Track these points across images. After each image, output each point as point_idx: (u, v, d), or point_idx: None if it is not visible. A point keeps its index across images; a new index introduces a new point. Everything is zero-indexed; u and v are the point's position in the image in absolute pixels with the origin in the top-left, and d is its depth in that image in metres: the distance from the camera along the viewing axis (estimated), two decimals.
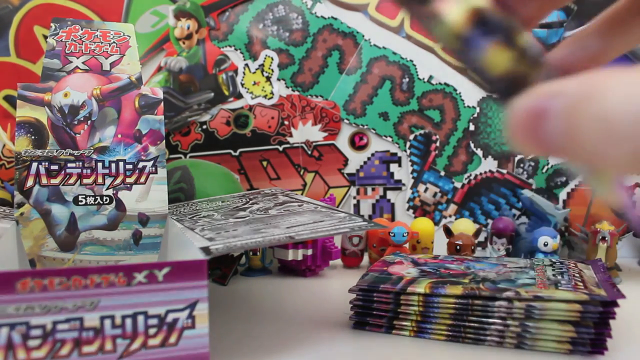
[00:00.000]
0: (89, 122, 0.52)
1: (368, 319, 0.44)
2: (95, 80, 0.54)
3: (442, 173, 0.79)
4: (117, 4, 0.75)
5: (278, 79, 0.78)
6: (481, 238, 0.77)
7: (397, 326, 0.43)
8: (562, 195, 0.78)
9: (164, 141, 0.54)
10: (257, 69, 0.78)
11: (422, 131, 0.79)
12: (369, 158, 0.79)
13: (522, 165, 0.78)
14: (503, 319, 0.40)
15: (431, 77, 0.78)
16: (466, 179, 0.79)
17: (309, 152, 0.79)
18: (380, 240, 0.68)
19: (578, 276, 0.45)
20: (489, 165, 0.78)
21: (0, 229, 0.46)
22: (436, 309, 0.42)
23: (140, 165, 0.53)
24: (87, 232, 0.51)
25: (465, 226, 0.65)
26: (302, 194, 0.78)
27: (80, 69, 0.54)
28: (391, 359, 0.39)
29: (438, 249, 0.67)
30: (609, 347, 0.39)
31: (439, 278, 0.45)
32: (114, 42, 0.55)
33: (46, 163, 0.50)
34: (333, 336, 0.43)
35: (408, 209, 0.79)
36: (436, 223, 0.79)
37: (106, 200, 0.52)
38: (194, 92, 0.77)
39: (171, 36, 0.77)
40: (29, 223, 0.50)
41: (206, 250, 0.37)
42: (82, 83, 0.53)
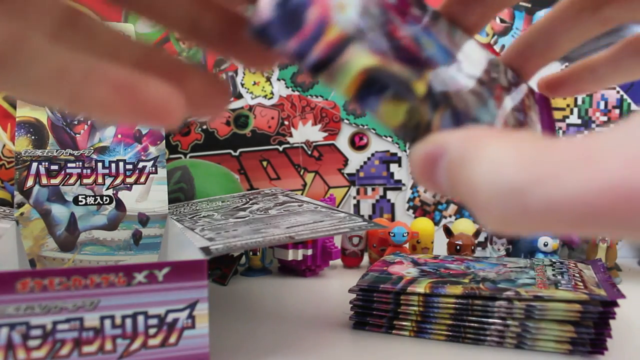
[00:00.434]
0: (89, 122, 0.52)
1: (368, 319, 0.44)
2: None
3: None
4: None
5: (278, 79, 0.78)
6: (481, 238, 0.77)
7: (397, 326, 0.43)
8: None
9: (164, 141, 0.54)
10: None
11: None
12: (369, 158, 0.79)
13: None
14: (503, 319, 0.40)
15: None
16: None
17: (309, 152, 0.79)
18: (380, 240, 0.68)
19: (578, 276, 0.45)
20: None
21: (0, 229, 0.46)
22: (436, 309, 0.42)
23: (140, 165, 0.53)
24: (87, 232, 0.51)
25: (465, 226, 0.65)
26: (302, 194, 0.78)
27: None
28: (391, 359, 0.39)
29: (438, 249, 0.67)
30: (609, 347, 0.39)
31: (439, 278, 0.45)
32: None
33: (46, 163, 0.50)
34: (333, 336, 0.43)
35: (408, 209, 0.79)
36: (436, 223, 0.79)
37: (106, 200, 0.52)
38: None
39: (171, 36, 0.77)
40: (29, 223, 0.50)
41: (206, 250, 0.37)
42: None
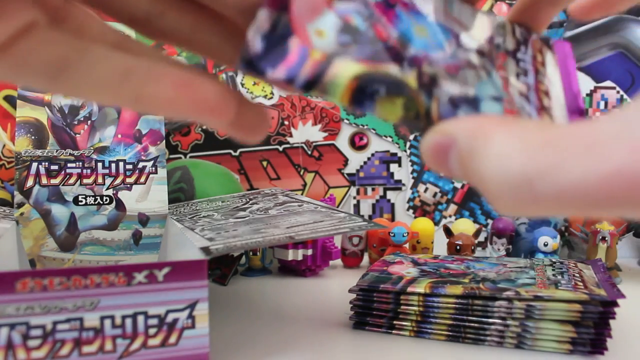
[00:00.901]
0: (89, 122, 0.52)
1: (368, 319, 0.44)
2: None
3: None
4: None
5: None
6: (481, 238, 0.77)
7: (397, 326, 0.43)
8: None
9: (164, 141, 0.54)
10: None
11: None
12: (369, 158, 0.79)
13: None
14: (503, 319, 0.40)
15: None
16: None
17: (309, 152, 0.79)
18: (380, 240, 0.68)
19: (578, 276, 0.45)
20: None
21: (0, 229, 0.46)
22: (436, 309, 0.42)
23: (140, 165, 0.53)
24: (87, 232, 0.51)
25: (465, 226, 0.65)
26: (302, 194, 0.78)
27: None
28: (391, 359, 0.39)
29: (438, 249, 0.67)
30: (609, 347, 0.39)
31: (439, 278, 0.45)
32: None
33: (46, 163, 0.50)
34: (333, 336, 0.43)
35: (408, 209, 0.79)
36: (436, 223, 0.79)
37: (106, 200, 0.52)
38: None
39: None
40: (29, 223, 0.50)
41: (206, 250, 0.37)
42: None
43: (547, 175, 0.13)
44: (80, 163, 0.51)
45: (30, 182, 0.50)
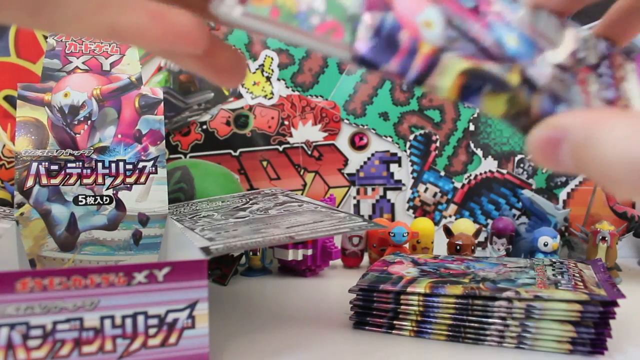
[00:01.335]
0: (89, 122, 0.52)
1: (368, 319, 0.44)
2: (95, 80, 0.54)
3: (442, 173, 0.79)
4: None
5: (278, 79, 0.78)
6: (481, 238, 0.77)
7: (397, 326, 0.43)
8: (562, 195, 0.78)
9: (164, 141, 0.54)
10: (257, 69, 0.78)
11: (422, 131, 0.79)
12: (369, 158, 0.79)
13: (522, 165, 0.78)
14: (503, 319, 0.40)
15: None
16: (466, 179, 0.79)
17: (309, 152, 0.79)
18: (380, 240, 0.68)
19: (578, 276, 0.45)
20: (489, 165, 0.78)
21: (0, 229, 0.46)
22: (436, 309, 0.42)
23: (140, 165, 0.53)
24: (87, 232, 0.51)
25: (465, 226, 0.65)
26: (302, 194, 0.78)
27: (80, 69, 0.54)
28: (391, 359, 0.39)
29: (438, 249, 0.67)
30: (609, 347, 0.39)
31: (439, 278, 0.45)
32: (114, 42, 0.55)
33: (46, 163, 0.50)
34: (333, 336, 0.43)
35: (408, 209, 0.79)
36: (436, 223, 0.79)
37: (106, 200, 0.52)
38: (194, 92, 0.77)
39: None
40: (29, 223, 0.50)
41: (206, 250, 0.37)
42: (82, 83, 0.53)
43: None
44: (80, 163, 0.51)
45: (30, 182, 0.50)
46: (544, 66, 0.20)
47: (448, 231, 0.64)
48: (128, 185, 0.52)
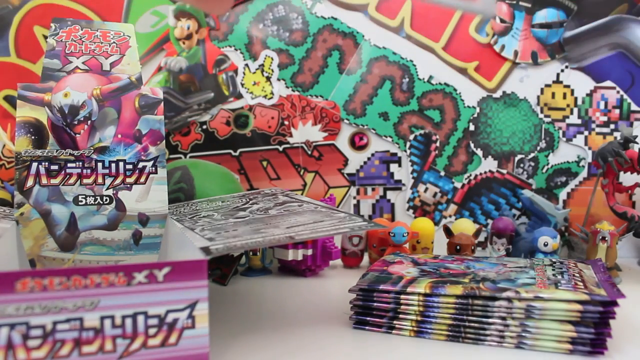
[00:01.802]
0: (89, 122, 0.52)
1: (368, 319, 0.44)
2: (95, 80, 0.54)
3: (442, 173, 0.79)
4: (117, 4, 0.75)
5: (278, 79, 0.78)
6: (481, 238, 0.77)
7: (397, 326, 0.43)
8: (562, 195, 0.78)
9: (164, 141, 0.54)
10: (257, 69, 0.78)
11: (422, 131, 0.79)
12: (369, 158, 0.79)
13: (522, 165, 0.78)
14: (503, 319, 0.40)
15: (431, 77, 0.78)
16: (466, 179, 0.79)
17: (309, 152, 0.79)
18: (380, 240, 0.68)
19: (578, 276, 0.45)
20: (489, 165, 0.78)
21: (0, 229, 0.46)
22: (436, 309, 0.42)
23: (140, 165, 0.53)
24: (87, 232, 0.51)
25: (465, 226, 0.65)
26: (302, 194, 0.78)
27: (80, 69, 0.54)
28: (391, 359, 0.39)
29: (438, 249, 0.67)
30: (609, 347, 0.39)
31: (439, 278, 0.45)
32: (114, 42, 0.55)
33: (46, 163, 0.50)
34: (333, 336, 0.43)
35: (408, 209, 0.79)
36: (436, 223, 0.79)
37: (106, 200, 0.52)
38: (194, 92, 0.77)
39: (171, 36, 0.77)
40: (29, 223, 0.50)
41: (206, 250, 0.37)
42: (82, 83, 0.53)
43: None
44: (80, 163, 0.51)
45: (30, 182, 0.50)
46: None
47: (448, 231, 0.64)
48: (128, 185, 0.52)
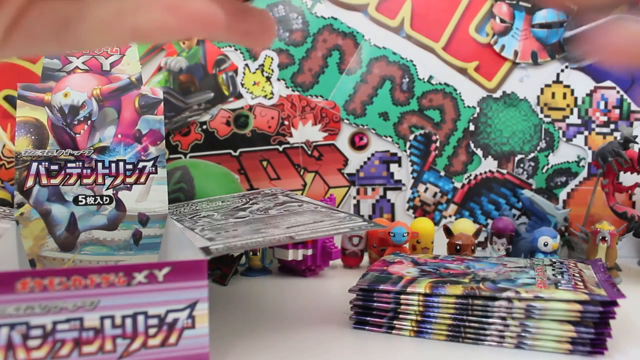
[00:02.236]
0: (89, 122, 0.52)
1: (368, 319, 0.44)
2: (95, 80, 0.54)
3: (442, 173, 0.79)
4: None
5: (278, 79, 0.78)
6: (481, 238, 0.77)
7: (397, 326, 0.43)
8: (562, 195, 0.78)
9: (164, 141, 0.54)
10: (257, 69, 0.78)
11: (422, 131, 0.79)
12: (369, 158, 0.79)
13: (522, 165, 0.78)
14: (503, 319, 0.40)
15: (431, 77, 0.78)
16: (466, 179, 0.79)
17: (309, 152, 0.79)
18: (380, 240, 0.68)
19: (578, 276, 0.45)
20: (489, 165, 0.78)
21: (0, 229, 0.46)
22: (436, 309, 0.42)
23: (140, 165, 0.53)
24: (87, 232, 0.51)
25: (465, 226, 0.65)
26: (302, 194, 0.78)
27: (80, 69, 0.54)
28: (391, 359, 0.39)
29: (438, 249, 0.67)
30: (609, 347, 0.39)
31: (439, 278, 0.45)
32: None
33: (46, 163, 0.50)
34: (333, 336, 0.43)
35: (408, 209, 0.79)
36: (436, 223, 0.79)
37: (106, 200, 0.52)
38: (194, 92, 0.77)
39: None
40: (29, 223, 0.50)
41: (206, 250, 0.37)
42: (82, 83, 0.53)
43: None
44: (80, 163, 0.51)
45: (30, 182, 0.50)
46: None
47: (448, 231, 0.64)
48: (128, 185, 0.52)
